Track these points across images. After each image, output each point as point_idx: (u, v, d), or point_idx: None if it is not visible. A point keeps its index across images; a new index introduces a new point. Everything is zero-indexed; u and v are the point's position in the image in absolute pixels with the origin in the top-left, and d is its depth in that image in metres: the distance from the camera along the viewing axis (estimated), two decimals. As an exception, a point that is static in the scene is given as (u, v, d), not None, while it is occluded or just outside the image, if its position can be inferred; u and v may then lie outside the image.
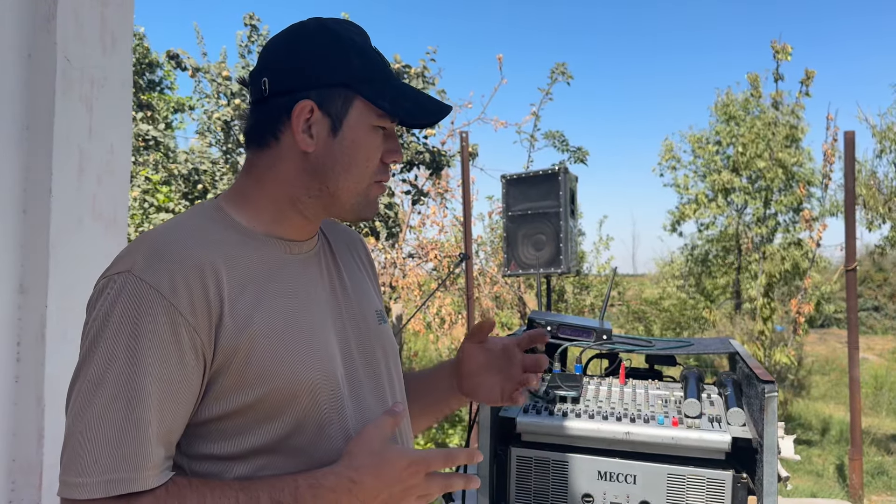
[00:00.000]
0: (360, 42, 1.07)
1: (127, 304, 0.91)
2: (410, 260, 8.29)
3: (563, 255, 3.94)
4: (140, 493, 0.88)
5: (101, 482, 0.87)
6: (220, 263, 0.98)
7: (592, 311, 10.75)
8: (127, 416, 0.88)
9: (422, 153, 6.80)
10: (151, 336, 0.90)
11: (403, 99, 1.07)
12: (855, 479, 4.98)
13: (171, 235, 1.00)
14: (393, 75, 1.09)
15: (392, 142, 1.10)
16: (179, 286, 0.93)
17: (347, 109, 1.04)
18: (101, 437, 0.88)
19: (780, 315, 9.03)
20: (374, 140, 1.07)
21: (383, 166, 1.10)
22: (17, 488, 1.90)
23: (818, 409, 8.90)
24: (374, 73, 1.06)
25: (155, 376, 0.90)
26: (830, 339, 13.38)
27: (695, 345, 2.23)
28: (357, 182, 1.07)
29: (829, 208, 9.58)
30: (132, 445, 0.88)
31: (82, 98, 2.05)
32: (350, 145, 1.05)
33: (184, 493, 0.90)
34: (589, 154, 8.67)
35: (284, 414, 0.99)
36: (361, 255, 1.32)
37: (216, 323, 0.95)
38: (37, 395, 1.89)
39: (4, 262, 1.88)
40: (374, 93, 1.04)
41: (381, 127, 1.07)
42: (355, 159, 1.06)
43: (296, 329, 1.03)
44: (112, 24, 2.17)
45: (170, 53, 6.92)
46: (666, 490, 1.70)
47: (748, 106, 10.85)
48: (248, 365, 0.96)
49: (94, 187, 2.09)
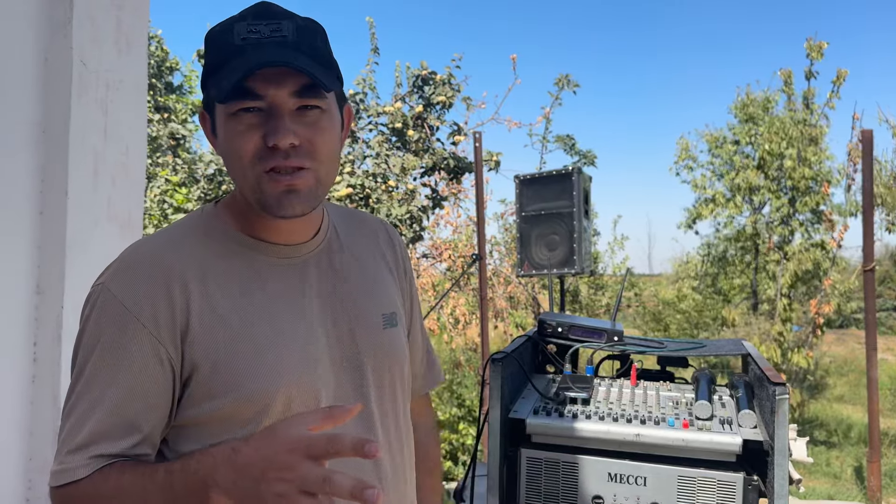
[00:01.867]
0: (219, 32, 1.01)
1: (97, 316, 0.98)
2: (424, 260, 8.31)
3: (577, 255, 3.93)
4: (73, 482, 0.95)
5: (53, 472, 0.97)
6: (191, 273, 1.00)
7: (607, 312, 10.71)
8: (82, 416, 0.96)
9: (446, 159, 6.82)
10: (114, 347, 0.96)
11: (223, 79, 0.97)
12: (873, 482, 4.93)
13: (146, 246, 1.04)
14: (237, 53, 0.98)
15: (271, 121, 0.97)
16: (143, 299, 0.97)
17: (213, 107, 1.03)
18: (64, 432, 0.97)
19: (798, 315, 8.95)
20: (235, 128, 0.99)
21: (267, 150, 0.98)
22: (34, 486, 1.92)
23: (836, 410, 8.81)
24: (218, 60, 1.00)
25: (114, 383, 0.96)
26: (849, 339, 13.23)
27: (707, 346, 2.22)
28: (242, 175, 1.00)
29: (850, 208, 9.48)
30: (79, 440, 0.96)
31: (98, 101, 2.08)
32: (223, 140, 1.02)
33: (109, 476, 0.95)
34: (597, 157, 8.67)
35: (257, 422, 0.99)
36: (386, 250, 1.27)
37: (182, 333, 0.98)
38: (53, 394, 1.92)
39: (21, 263, 1.91)
40: (211, 84, 1.01)
41: (246, 110, 0.98)
42: (228, 153, 1.02)
43: (274, 337, 1.02)
44: (127, 28, 2.19)
45: (200, 53, 7.00)
46: (676, 492, 1.69)
47: (768, 105, 10.76)
48: (215, 375, 0.98)
49: (110, 189, 2.12)
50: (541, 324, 2.23)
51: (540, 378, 2.14)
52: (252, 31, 0.98)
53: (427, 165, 6.85)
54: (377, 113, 6.84)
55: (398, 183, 6.67)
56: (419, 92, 6.95)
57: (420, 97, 6.97)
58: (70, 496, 0.95)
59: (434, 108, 6.96)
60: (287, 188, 0.99)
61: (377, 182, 6.57)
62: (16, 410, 1.89)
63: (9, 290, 1.88)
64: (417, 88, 6.96)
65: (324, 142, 1.02)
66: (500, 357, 1.85)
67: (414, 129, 6.79)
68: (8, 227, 1.88)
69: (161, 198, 6.92)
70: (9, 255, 1.89)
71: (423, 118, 6.88)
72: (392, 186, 6.64)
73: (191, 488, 0.86)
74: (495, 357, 1.84)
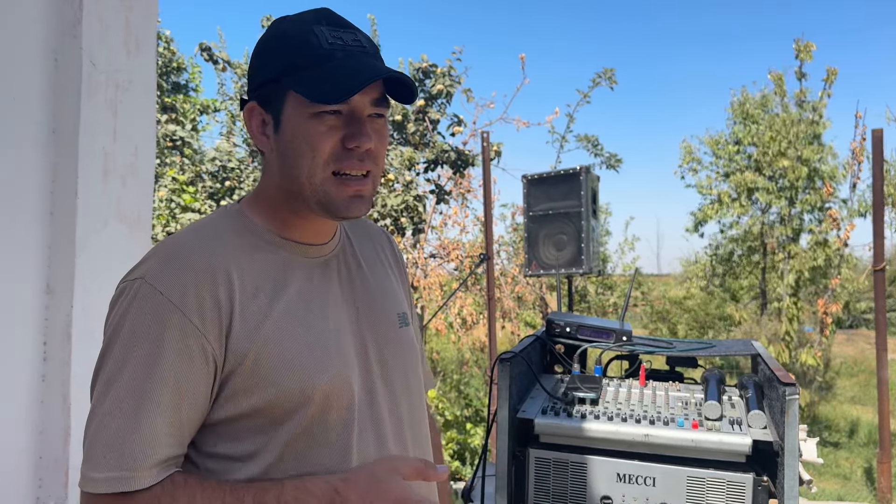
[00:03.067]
0: (297, 33, 1.03)
1: (139, 310, 0.95)
2: (432, 260, 8.30)
3: (585, 255, 3.92)
4: (137, 491, 0.91)
5: (104, 479, 0.91)
6: (233, 269, 1.00)
7: (615, 312, 10.68)
8: (133, 417, 0.92)
9: (447, 152, 6.81)
10: (160, 342, 0.94)
11: (323, 81, 0.99)
12: (883, 483, 4.90)
13: (186, 241, 1.03)
14: (329, 58, 1.01)
15: (353, 126, 1.02)
16: (189, 293, 0.96)
17: (282, 103, 1.04)
18: (110, 435, 0.92)
19: (807, 315, 8.91)
20: (316, 128, 1.01)
21: (344, 152, 1.02)
22: (45, 485, 1.93)
23: (846, 411, 8.76)
24: (302, 61, 1.02)
25: (162, 380, 0.93)
26: (859, 340, 13.16)
27: (716, 346, 2.21)
28: (309, 175, 1.02)
29: (858, 207, 9.43)
30: (135, 445, 0.92)
31: (107, 101, 2.08)
32: (291, 139, 1.04)
33: (177, 492, 0.92)
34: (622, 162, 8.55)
35: (294, 419, 0.99)
36: (388, 255, 1.31)
37: (226, 328, 0.97)
38: (63, 393, 1.93)
39: (32, 263, 1.92)
40: (297, 81, 1.02)
41: (330, 112, 1.01)
42: (300, 151, 1.03)
43: (309, 334, 1.03)
44: (136, 28, 2.20)
45: (202, 46, 7.02)
46: (686, 493, 1.69)
47: (766, 104, 10.73)
48: (257, 369, 0.98)
49: (119, 189, 2.12)
50: (549, 324, 2.22)
51: (548, 378, 2.14)
52: (336, 38, 1.03)
53: (428, 159, 6.84)
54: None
55: (397, 176, 6.67)
56: (420, 85, 6.96)
57: (421, 90, 6.97)
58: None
59: (435, 100, 6.95)
60: (355, 193, 1.04)
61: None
62: (26, 409, 1.90)
63: (19, 289, 1.89)
64: (418, 82, 6.96)
65: (384, 149, 1.09)
66: (509, 357, 1.85)
67: (414, 122, 6.79)
68: (18, 227, 1.89)
69: (169, 197, 6.95)
70: (19, 255, 1.89)
71: (425, 111, 6.87)
72: (392, 180, 6.64)
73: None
74: (503, 357, 1.84)
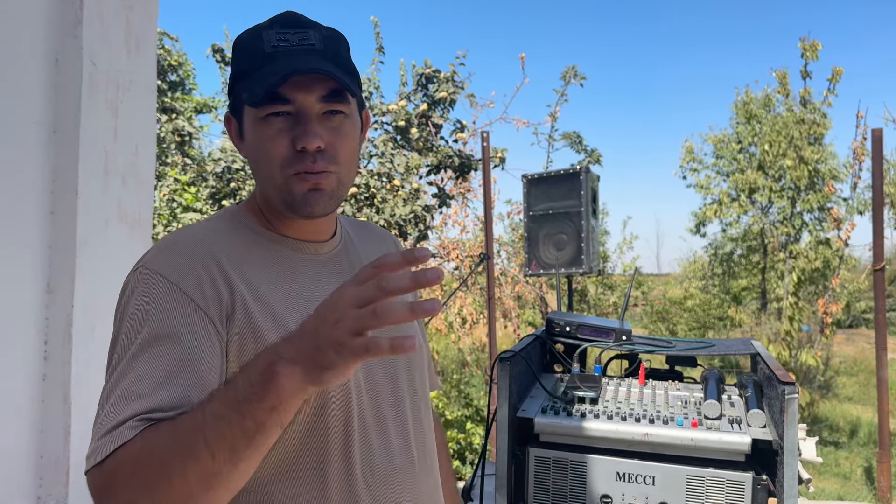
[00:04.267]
0: (248, 39, 1.05)
1: (139, 294, 0.96)
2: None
3: (585, 254, 3.92)
4: (121, 446, 0.84)
5: (95, 448, 0.85)
6: (231, 259, 1.02)
7: (615, 312, 10.69)
8: (127, 390, 0.88)
9: (451, 157, 6.81)
10: (159, 320, 0.93)
11: (256, 84, 1.00)
12: (883, 482, 4.90)
13: (184, 233, 1.05)
14: (269, 60, 1.02)
15: (299, 126, 1.01)
16: (187, 274, 0.97)
17: (241, 111, 1.07)
18: (105, 409, 0.88)
19: (807, 315, 8.90)
20: (265, 132, 1.02)
21: (297, 154, 1.02)
22: (45, 484, 1.94)
23: (846, 410, 8.76)
24: (247, 66, 1.04)
25: (161, 356, 0.90)
26: (859, 339, 13.15)
27: (716, 346, 2.21)
28: (270, 177, 1.04)
29: (857, 206, 9.43)
30: (125, 415, 0.85)
31: (108, 101, 2.09)
32: (251, 143, 1.06)
33: (153, 434, 0.84)
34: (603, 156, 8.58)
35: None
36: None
37: (227, 310, 0.97)
38: (63, 393, 1.93)
39: (32, 262, 1.92)
40: (243, 87, 1.04)
41: (275, 115, 1.01)
42: (258, 155, 1.05)
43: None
44: (136, 28, 2.21)
45: (214, 47, 7.01)
46: (685, 492, 1.69)
47: (769, 104, 10.72)
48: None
49: (120, 189, 2.13)
50: (549, 323, 2.23)
51: (548, 377, 2.14)
52: (281, 39, 1.03)
53: (432, 164, 6.85)
54: (381, 112, 6.85)
55: (403, 182, 6.67)
56: (423, 90, 6.96)
57: (424, 95, 6.97)
58: (114, 469, 0.82)
59: (438, 105, 6.96)
60: (312, 186, 1.03)
61: (382, 181, 6.58)
62: (26, 409, 1.90)
63: (20, 289, 1.89)
64: (422, 87, 6.96)
65: (345, 146, 1.06)
66: (509, 356, 1.85)
67: (418, 127, 6.80)
68: (19, 227, 1.89)
69: (170, 197, 6.95)
70: (20, 255, 1.90)
71: (428, 116, 6.88)
72: (397, 186, 6.65)
73: (256, 378, 0.78)
74: (503, 356, 1.84)
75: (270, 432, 0.79)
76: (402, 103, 6.85)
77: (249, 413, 0.77)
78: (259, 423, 0.77)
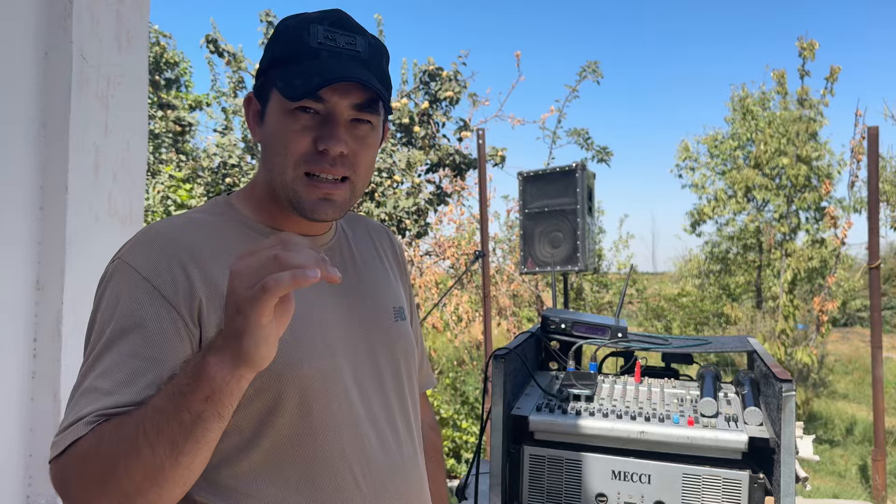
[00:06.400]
0: (294, 27, 1.03)
1: (112, 286, 0.97)
2: (428, 258, 8.29)
3: (581, 252, 3.91)
4: (68, 447, 0.87)
5: (54, 443, 0.89)
6: (207, 251, 1.00)
7: (610, 309, 10.68)
8: (92, 384, 0.90)
9: (451, 155, 6.81)
10: (128, 314, 0.93)
11: (297, 77, 0.99)
12: (878, 480, 4.90)
13: (164, 225, 1.04)
14: (313, 56, 1.00)
15: (326, 127, 1.00)
16: (160, 268, 0.96)
17: (268, 96, 1.05)
18: (70, 403, 0.91)
19: (802, 313, 8.91)
20: (290, 125, 1.01)
21: (317, 154, 1.01)
22: (34, 483, 1.91)
23: (841, 408, 8.77)
24: (288, 55, 1.02)
25: (128, 352, 0.91)
26: (854, 337, 13.18)
27: (712, 343, 2.20)
28: (281, 170, 1.02)
29: (854, 205, 9.44)
30: (87, 410, 0.88)
31: (98, 95, 2.06)
32: (270, 133, 1.04)
33: (103, 429, 0.86)
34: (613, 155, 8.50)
35: (273, 409, 0.98)
36: (388, 252, 1.31)
37: (198, 306, 0.96)
38: (53, 390, 1.91)
39: (21, 258, 1.90)
40: (279, 75, 1.02)
41: (304, 110, 1.00)
42: (275, 147, 1.03)
43: (294, 323, 1.01)
44: (127, 22, 2.18)
45: (208, 38, 6.97)
46: (681, 490, 1.68)
47: (766, 101, 10.74)
48: None
49: (110, 184, 2.11)
50: (544, 320, 2.21)
51: (543, 375, 2.13)
52: (328, 38, 1.01)
53: (432, 161, 6.84)
54: (383, 110, 6.84)
55: (404, 178, 6.66)
56: (425, 88, 6.94)
57: (426, 93, 6.96)
58: (67, 464, 0.86)
59: (440, 104, 6.95)
60: (324, 196, 1.02)
61: (383, 177, 6.57)
62: (16, 407, 1.88)
63: (9, 285, 1.87)
64: (424, 84, 6.95)
65: (366, 155, 1.06)
66: (503, 353, 1.83)
67: (420, 125, 6.79)
68: (8, 223, 1.87)
69: (165, 193, 6.91)
70: (9, 251, 1.87)
71: (429, 114, 6.87)
72: (398, 181, 6.64)
73: (190, 370, 0.79)
74: (498, 353, 1.83)
75: (209, 424, 0.79)
76: (403, 101, 6.84)
77: (184, 405, 0.78)
78: (195, 415, 0.78)
